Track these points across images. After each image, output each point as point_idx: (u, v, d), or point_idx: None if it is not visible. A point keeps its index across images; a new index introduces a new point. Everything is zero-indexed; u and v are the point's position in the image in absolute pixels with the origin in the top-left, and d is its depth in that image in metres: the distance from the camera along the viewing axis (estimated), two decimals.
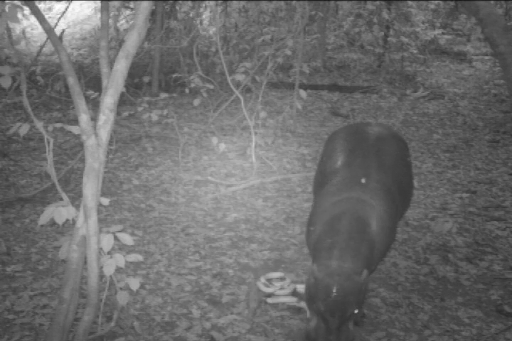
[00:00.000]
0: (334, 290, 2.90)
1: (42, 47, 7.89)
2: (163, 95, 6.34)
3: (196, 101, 6.43)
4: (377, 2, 10.78)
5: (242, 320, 3.59)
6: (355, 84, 10.50)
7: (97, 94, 5.84)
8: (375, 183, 3.44)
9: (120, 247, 4.17)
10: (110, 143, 4.89)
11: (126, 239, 3.11)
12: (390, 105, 9.18)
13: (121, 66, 2.93)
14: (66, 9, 8.68)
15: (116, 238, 3.07)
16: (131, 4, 11.44)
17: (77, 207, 3.03)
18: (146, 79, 7.81)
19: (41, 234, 4.59)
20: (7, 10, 2.84)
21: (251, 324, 3.55)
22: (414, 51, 10.86)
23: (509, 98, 8.90)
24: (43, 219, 2.98)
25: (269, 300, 3.73)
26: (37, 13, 2.94)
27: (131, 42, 2.96)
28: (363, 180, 3.43)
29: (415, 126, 8.14)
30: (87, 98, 3.54)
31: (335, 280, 2.92)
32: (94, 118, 3.04)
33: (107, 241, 3.02)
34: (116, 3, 11.44)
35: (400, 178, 3.69)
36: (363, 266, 3.03)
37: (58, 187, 3.11)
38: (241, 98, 6.00)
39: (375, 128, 3.96)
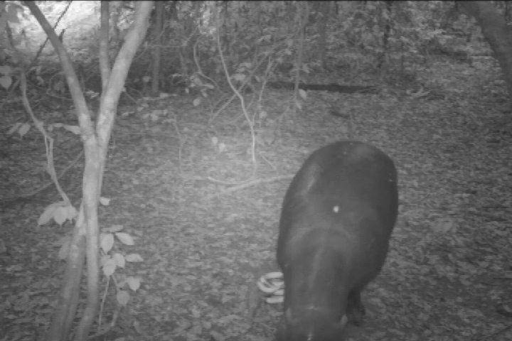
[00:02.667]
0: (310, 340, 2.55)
1: (42, 47, 7.90)
2: (163, 95, 6.34)
3: (196, 101, 6.43)
4: (377, 2, 10.78)
5: (242, 320, 3.59)
6: (355, 84, 10.50)
7: (97, 94, 5.84)
8: (349, 212, 3.05)
9: (120, 247, 4.17)
10: (110, 143, 4.89)
11: (126, 239, 3.11)
12: (390, 105, 9.18)
13: (121, 66, 2.93)
14: (66, 9, 8.69)
15: (116, 238, 3.07)
16: (131, 4, 11.43)
17: (77, 207, 3.03)
18: (146, 79, 7.81)
19: (41, 234, 4.59)
20: (7, 10, 2.84)
21: (251, 324, 3.55)
22: (414, 51, 10.86)
23: (509, 98, 8.90)
24: (43, 219, 2.98)
25: (269, 300, 3.73)
26: (37, 13, 2.94)
27: (131, 42, 2.96)
28: (336, 209, 3.03)
29: (415, 126, 8.14)
30: (87, 98, 3.54)
31: (310, 329, 2.57)
32: (94, 118, 3.04)
33: (107, 241, 3.02)
34: (116, 3, 11.44)
35: (381, 204, 3.28)
36: (342, 310, 2.73)
37: (58, 187, 3.11)
38: (241, 98, 6.00)
39: (354, 148, 3.56)
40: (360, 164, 3.40)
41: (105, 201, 3.11)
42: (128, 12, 11.92)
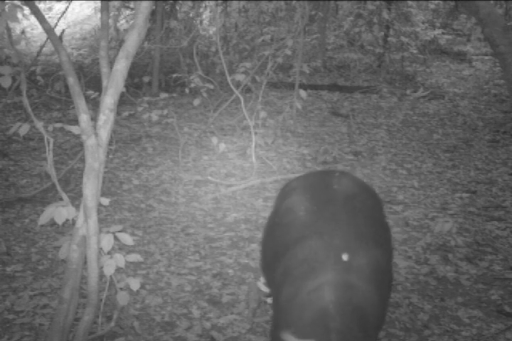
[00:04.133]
0: None
1: (42, 47, 7.90)
2: (163, 95, 6.35)
3: (196, 101, 6.43)
4: (377, 2, 10.78)
5: (242, 320, 3.59)
6: (355, 84, 10.50)
7: (97, 94, 5.84)
8: (360, 259, 2.53)
9: (120, 247, 4.16)
10: (110, 143, 4.89)
11: (126, 239, 3.11)
12: (390, 105, 9.18)
13: (121, 66, 2.93)
14: (66, 9, 8.70)
15: (116, 238, 3.07)
16: (131, 4, 11.43)
17: (77, 207, 3.03)
18: (146, 79, 7.82)
19: (41, 234, 4.59)
20: (7, 10, 2.84)
21: (251, 324, 3.55)
22: (414, 51, 10.86)
23: (509, 98, 8.90)
24: (43, 219, 2.98)
25: (269, 300, 3.73)
26: (37, 13, 2.94)
27: (131, 42, 2.96)
28: (345, 257, 2.50)
29: (415, 126, 8.14)
30: (87, 98, 3.54)
31: None
32: (94, 118, 3.04)
33: (107, 241, 3.02)
34: (116, 3, 11.44)
35: (383, 243, 2.81)
36: None
37: (58, 187, 3.11)
38: (241, 98, 6.00)
39: (341, 180, 3.01)
40: (354, 200, 2.87)
41: (105, 201, 3.11)
42: (128, 12, 11.92)
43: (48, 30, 2.94)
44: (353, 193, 2.91)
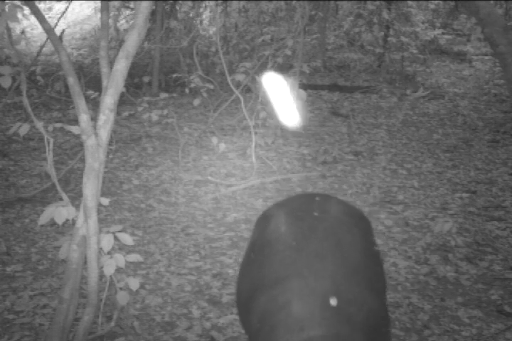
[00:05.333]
0: None
1: (42, 47, 7.90)
2: (163, 95, 6.35)
3: (196, 101, 6.44)
4: (377, 2, 10.78)
5: None
6: (355, 84, 10.50)
7: (97, 94, 5.84)
8: (350, 304, 2.13)
9: (120, 247, 4.16)
10: (110, 143, 4.89)
11: (126, 239, 3.11)
12: (390, 105, 9.18)
13: (121, 66, 2.93)
14: (66, 9, 8.70)
15: (116, 238, 3.07)
16: (131, 4, 11.44)
17: (77, 207, 3.03)
18: (146, 79, 7.82)
19: (41, 234, 4.59)
20: (7, 10, 2.84)
21: None
22: (414, 51, 10.86)
23: (509, 98, 8.90)
24: (43, 219, 2.98)
25: None
26: (37, 13, 2.94)
27: (131, 42, 2.96)
28: (333, 301, 2.10)
29: (415, 126, 8.14)
30: (87, 98, 3.54)
31: None
32: (94, 118, 3.04)
33: (107, 241, 3.02)
34: (116, 3, 11.44)
35: (376, 281, 2.38)
36: None
37: (58, 187, 3.11)
38: (241, 98, 6.00)
39: (324, 206, 2.58)
40: (340, 230, 2.44)
41: (105, 201, 3.11)
42: (128, 12, 11.93)
43: (48, 30, 2.94)
44: (337, 221, 2.49)
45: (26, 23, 10.96)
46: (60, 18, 8.59)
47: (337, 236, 2.38)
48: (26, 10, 3.09)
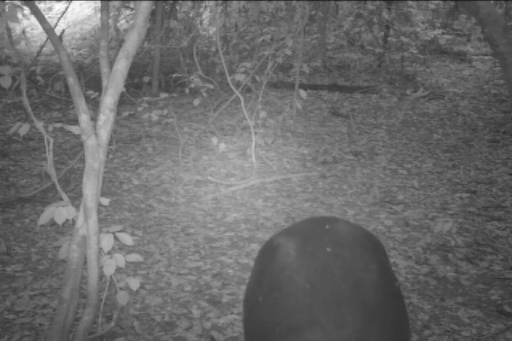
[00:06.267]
0: None
1: (42, 47, 7.90)
2: (163, 95, 6.35)
3: (196, 101, 6.43)
4: (377, 2, 10.79)
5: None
6: (355, 84, 10.50)
7: (97, 94, 5.84)
8: None
9: (120, 247, 4.16)
10: (110, 143, 4.89)
11: (126, 239, 3.11)
12: (390, 105, 9.18)
13: (121, 66, 2.93)
14: (66, 9, 8.70)
15: (116, 238, 3.07)
16: (131, 4, 11.44)
17: (77, 207, 3.03)
18: (146, 79, 7.82)
19: (41, 234, 4.59)
20: (7, 10, 2.84)
21: None
22: (414, 51, 10.86)
23: (509, 98, 8.90)
24: (43, 219, 2.98)
25: None
26: (37, 13, 2.95)
27: (131, 42, 2.96)
28: None
29: (415, 126, 8.14)
30: (87, 98, 3.54)
31: None
32: (94, 118, 3.04)
33: (107, 241, 3.02)
34: (116, 3, 11.45)
35: (402, 330, 2.14)
36: None
37: (58, 187, 3.11)
38: (241, 98, 6.00)
39: (335, 238, 2.27)
40: (356, 267, 2.15)
41: (105, 201, 3.11)
42: (128, 12, 11.94)
43: (48, 30, 2.94)
44: (352, 257, 2.19)
45: (26, 23, 10.97)
46: (60, 18, 8.59)
47: (354, 276, 2.11)
48: (26, 10, 3.10)
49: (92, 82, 8.03)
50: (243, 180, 5.87)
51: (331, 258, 2.15)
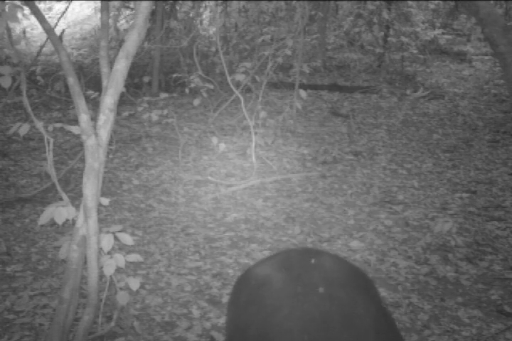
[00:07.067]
0: None
1: (42, 47, 7.90)
2: (163, 95, 6.35)
3: (196, 101, 6.43)
4: (377, 2, 10.79)
5: None
6: (355, 84, 10.50)
7: (97, 94, 5.85)
8: None
9: (120, 247, 4.16)
10: (110, 143, 4.89)
11: (126, 239, 3.11)
12: (390, 105, 9.18)
13: (121, 66, 2.93)
14: (66, 9, 8.70)
15: (116, 238, 3.07)
16: (131, 4, 11.44)
17: (77, 207, 3.03)
18: (146, 79, 7.82)
19: (41, 234, 4.59)
20: (7, 10, 2.84)
21: None
22: (414, 51, 10.87)
23: (509, 98, 8.90)
24: (43, 219, 2.98)
25: None
26: (37, 13, 2.94)
27: (131, 42, 2.96)
28: None
29: (415, 126, 8.14)
30: (87, 98, 3.54)
31: None
32: (94, 118, 3.04)
33: (107, 241, 3.02)
34: (116, 3, 11.45)
35: None
36: None
37: (58, 187, 3.11)
38: (241, 98, 6.00)
39: (328, 276, 1.78)
40: (354, 309, 1.74)
41: (105, 201, 3.11)
42: (128, 12, 11.93)
43: (48, 30, 2.94)
44: (348, 298, 1.76)
45: (26, 23, 10.97)
46: (60, 18, 8.59)
47: (354, 323, 1.66)
48: (26, 10, 3.09)
49: (92, 82, 8.03)
50: (243, 180, 5.87)
51: (327, 301, 1.73)
